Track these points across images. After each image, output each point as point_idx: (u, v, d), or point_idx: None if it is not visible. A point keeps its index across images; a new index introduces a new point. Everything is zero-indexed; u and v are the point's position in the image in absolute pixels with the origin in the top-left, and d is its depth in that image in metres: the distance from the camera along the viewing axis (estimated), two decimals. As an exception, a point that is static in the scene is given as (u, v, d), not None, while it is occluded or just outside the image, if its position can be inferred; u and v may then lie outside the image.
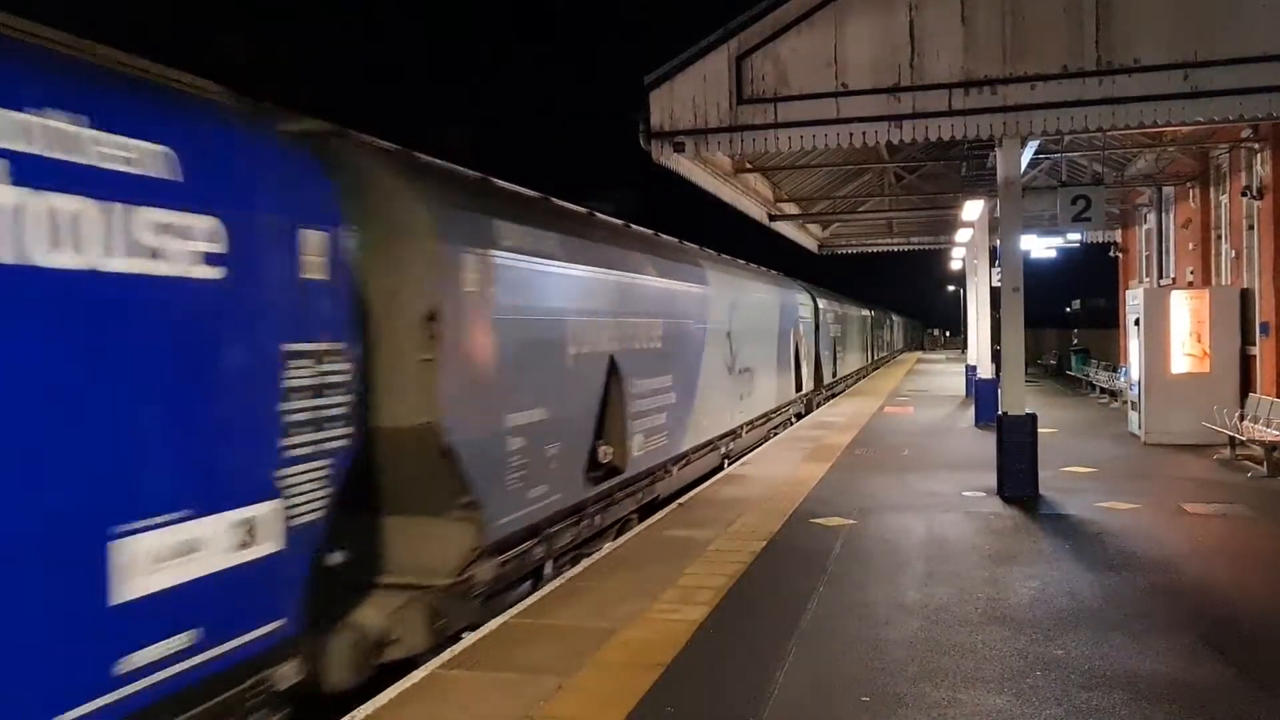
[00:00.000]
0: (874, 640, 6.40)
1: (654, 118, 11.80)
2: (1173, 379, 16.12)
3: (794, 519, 10.41)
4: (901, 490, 12.11)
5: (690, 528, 10.02)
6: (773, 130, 11.62)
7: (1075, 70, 10.79)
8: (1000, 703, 5.31)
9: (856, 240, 33.36)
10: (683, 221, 20.09)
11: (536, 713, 5.25)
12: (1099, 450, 15.43)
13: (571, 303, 9.02)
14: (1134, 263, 26.28)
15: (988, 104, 11.04)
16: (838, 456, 15.25)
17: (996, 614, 6.93)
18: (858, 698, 5.42)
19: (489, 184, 8.67)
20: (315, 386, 5.38)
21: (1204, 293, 16.55)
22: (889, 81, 11.23)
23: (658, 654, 6.14)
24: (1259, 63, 10.33)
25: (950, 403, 25.47)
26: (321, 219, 5.53)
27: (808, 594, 7.49)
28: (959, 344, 70.03)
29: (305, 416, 5.28)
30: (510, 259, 7.72)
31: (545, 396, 8.25)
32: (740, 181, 19.07)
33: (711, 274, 15.37)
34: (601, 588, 7.77)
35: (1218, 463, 13.95)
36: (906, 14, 11.19)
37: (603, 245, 10.45)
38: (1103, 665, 5.87)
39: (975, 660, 5.99)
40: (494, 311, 7.44)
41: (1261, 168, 15.73)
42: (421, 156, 7.65)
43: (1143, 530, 9.67)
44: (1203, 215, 18.93)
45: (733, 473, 14.01)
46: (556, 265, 8.75)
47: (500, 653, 6.27)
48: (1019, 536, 9.49)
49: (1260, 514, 10.40)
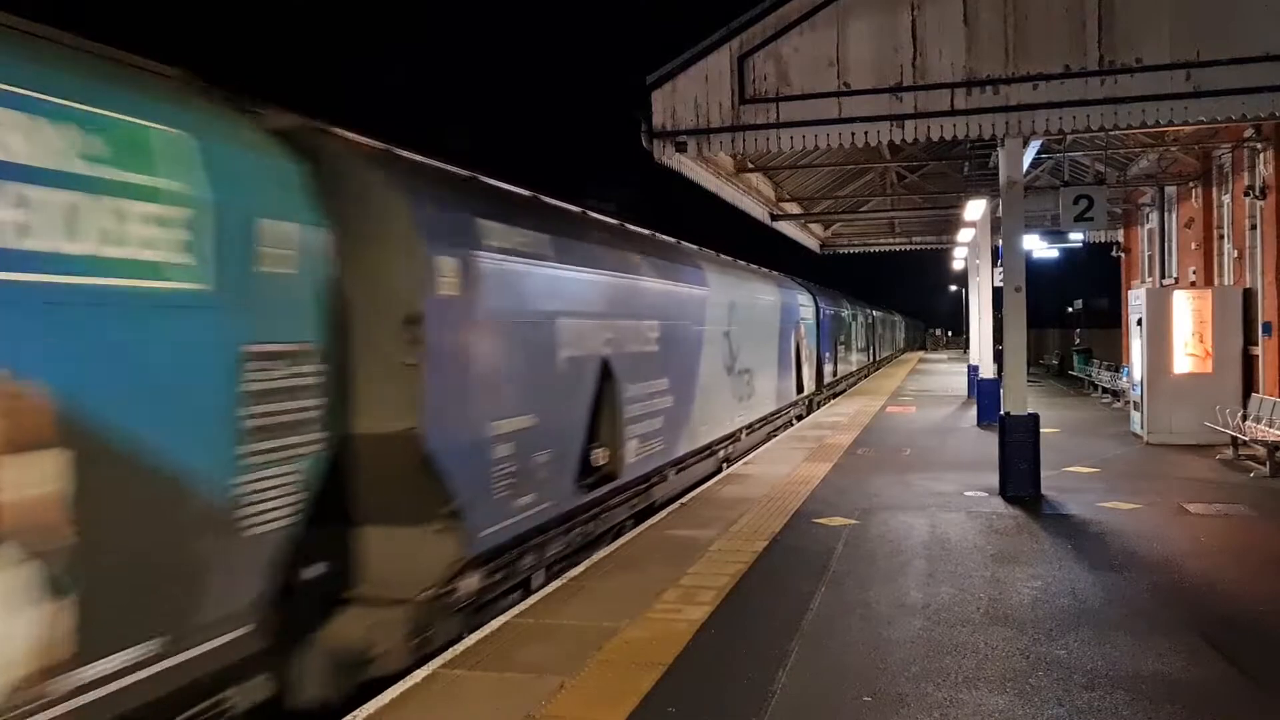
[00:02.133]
0: (876, 640, 6.40)
1: (656, 117, 11.80)
2: (1175, 379, 16.10)
3: (796, 519, 10.40)
4: (903, 490, 12.10)
5: (692, 527, 10.02)
6: (774, 130, 11.61)
7: (1078, 70, 10.78)
8: (1002, 703, 5.31)
9: (858, 240, 33.34)
10: (684, 222, 20.12)
11: (538, 712, 5.25)
12: (1101, 450, 15.42)
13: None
14: (1136, 262, 26.25)
15: (990, 104, 11.03)
16: (840, 456, 15.24)
17: (998, 614, 6.93)
18: (860, 697, 5.42)
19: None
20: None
21: (1206, 292, 16.53)
22: (891, 81, 11.22)
23: (659, 654, 6.14)
24: (1261, 62, 10.32)
25: (952, 402, 25.46)
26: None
27: (810, 594, 7.49)
28: (961, 344, 70.00)
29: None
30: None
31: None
32: (742, 181, 19.06)
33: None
34: (603, 587, 7.77)
35: (1220, 463, 13.93)
36: (908, 13, 11.18)
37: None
38: (1105, 665, 5.86)
39: (977, 660, 5.98)
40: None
41: (1264, 167, 15.70)
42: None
43: (1145, 530, 9.66)
44: (1205, 215, 18.91)
45: (735, 472, 14.00)
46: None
47: (502, 652, 6.27)
48: (1021, 536, 9.49)
49: (1262, 514, 10.38)
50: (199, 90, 5.32)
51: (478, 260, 7.22)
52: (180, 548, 4.65)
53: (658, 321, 11.90)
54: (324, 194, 5.75)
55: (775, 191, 22.13)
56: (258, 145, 5.44)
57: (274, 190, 5.39)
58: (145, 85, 4.88)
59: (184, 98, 5.10)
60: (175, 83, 5.17)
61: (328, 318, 5.73)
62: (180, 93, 5.12)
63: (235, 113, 5.53)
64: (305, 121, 6.29)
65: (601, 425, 9.77)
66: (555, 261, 8.79)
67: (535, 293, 8.31)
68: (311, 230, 5.58)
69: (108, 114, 4.34)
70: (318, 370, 5.60)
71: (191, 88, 5.26)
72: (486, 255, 7.39)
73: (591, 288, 9.68)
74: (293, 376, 5.36)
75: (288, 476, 5.29)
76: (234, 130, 5.35)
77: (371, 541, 6.41)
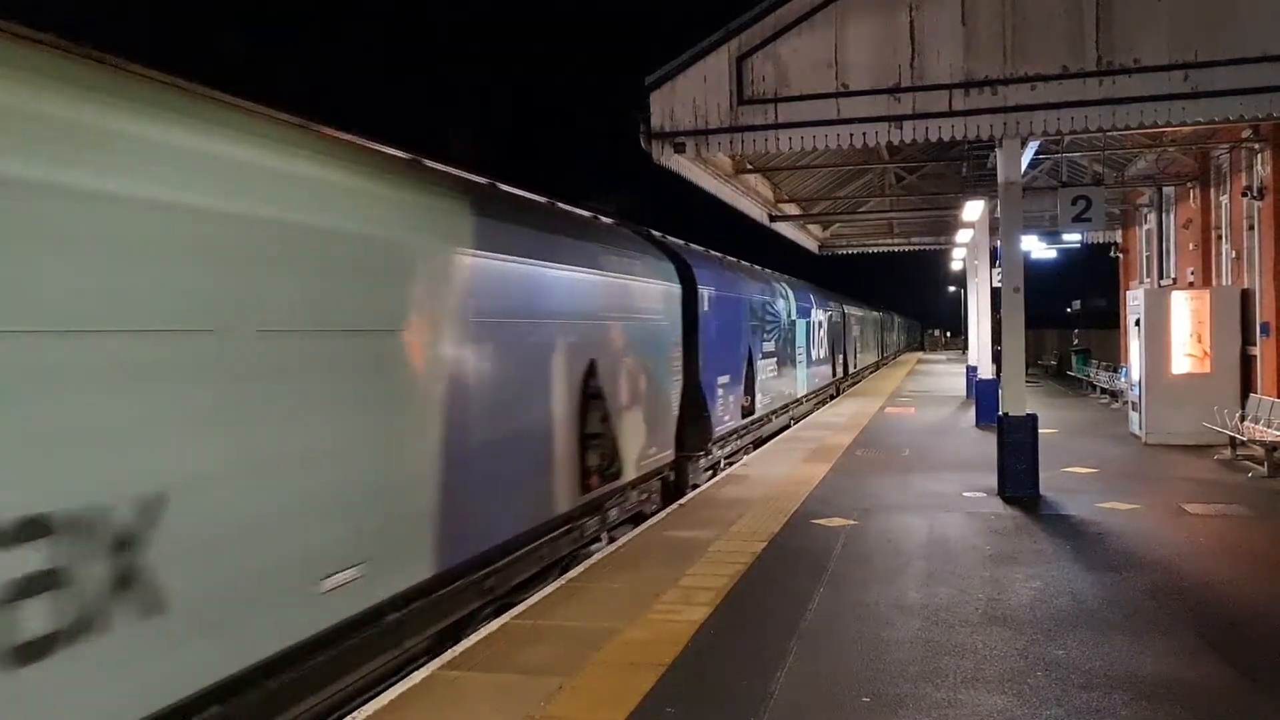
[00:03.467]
0: (875, 640, 6.40)
1: (654, 118, 11.82)
2: (1173, 379, 16.12)
3: (795, 519, 10.41)
4: (902, 490, 12.11)
5: (691, 528, 10.02)
6: (773, 131, 11.63)
7: (1075, 70, 10.80)
8: (1001, 703, 5.32)
9: (857, 241, 33.35)
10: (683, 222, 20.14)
11: (537, 713, 5.26)
12: (1100, 450, 15.43)
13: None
14: (1134, 263, 26.28)
15: (988, 104, 11.05)
16: (839, 457, 15.25)
17: (997, 614, 6.94)
18: (859, 698, 5.42)
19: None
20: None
21: (1205, 293, 16.54)
22: (889, 82, 11.24)
23: (659, 654, 6.15)
24: (1259, 63, 10.34)
25: (951, 403, 25.47)
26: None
27: (809, 594, 7.49)
28: (960, 344, 69.97)
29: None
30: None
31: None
32: (740, 182, 19.07)
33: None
34: (602, 588, 7.77)
35: (1218, 463, 13.95)
36: (907, 14, 11.20)
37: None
38: (1103, 665, 5.87)
39: (976, 660, 5.99)
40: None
41: (1262, 168, 15.72)
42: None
43: (1143, 531, 9.67)
44: (1203, 215, 18.93)
45: (734, 473, 14.01)
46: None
47: (501, 653, 6.27)
48: (1020, 537, 9.50)
49: (1261, 514, 10.39)
50: (649, 237, 13.45)
51: (709, 294, 14.62)
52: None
53: (777, 328, 20.77)
54: (680, 277, 13.37)
55: (774, 192, 22.13)
56: (668, 258, 13.23)
57: (675, 278, 13.21)
58: (650, 250, 12.62)
59: (653, 249, 12.82)
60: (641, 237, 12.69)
61: (685, 327, 13.52)
62: (652, 245, 12.93)
63: (662, 248, 13.35)
64: (674, 240, 14.72)
65: (748, 382, 17.48)
66: (738, 292, 17.12)
67: (729, 310, 16.14)
68: (678, 292, 13.24)
69: (664, 282, 12.45)
70: (681, 350, 13.35)
71: (646, 237, 13.06)
72: (715, 290, 14.93)
73: (742, 306, 17.33)
74: (676, 353, 13.12)
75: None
76: (669, 261, 13.22)
77: (690, 425, 13.61)
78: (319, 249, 5.47)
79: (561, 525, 9.00)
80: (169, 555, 4.29)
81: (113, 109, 4.27)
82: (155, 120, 4.49)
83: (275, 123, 5.62)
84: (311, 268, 5.40)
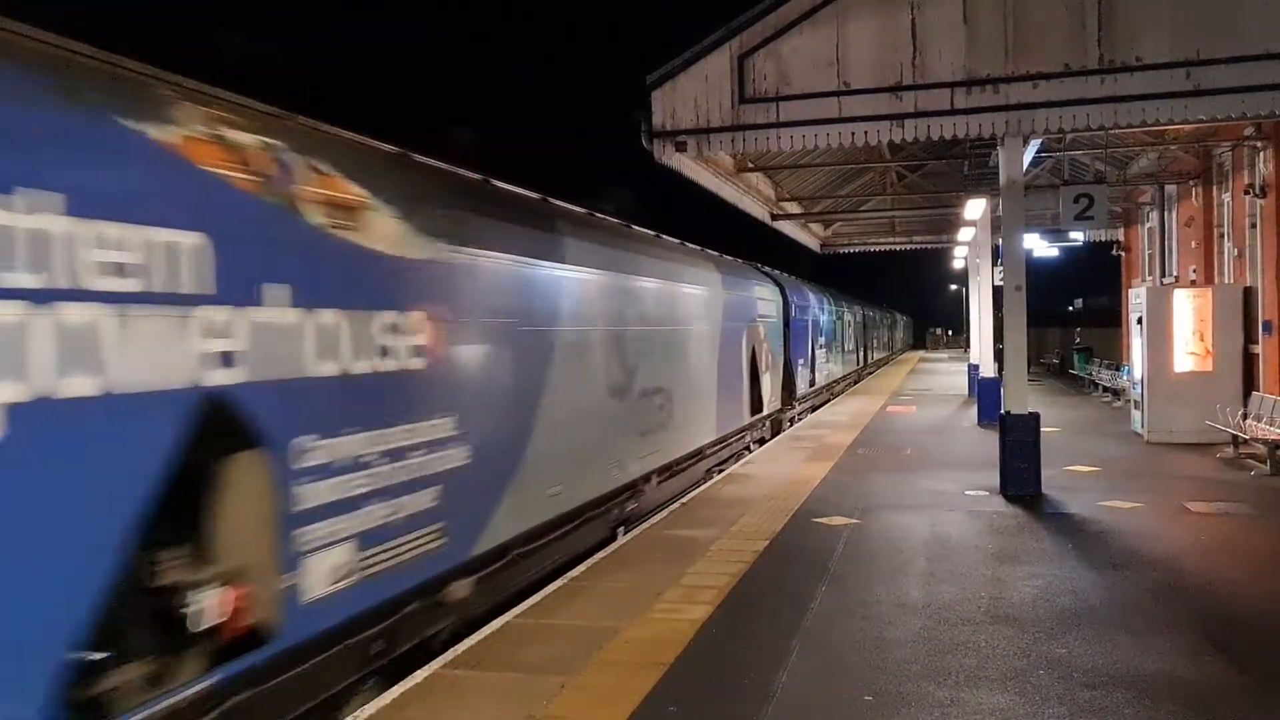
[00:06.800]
0: (877, 639, 6.40)
1: (656, 117, 11.80)
2: (1175, 378, 16.10)
3: (796, 518, 10.41)
4: (904, 489, 12.11)
5: (692, 527, 10.02)
6: (775, 129, 11.61)
7: (1077, 69, 10.78)
8: (1003, 701, 5.31)
9: (859, 239, 33.33)
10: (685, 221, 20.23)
11: (539, 712, 5.26)
12: (1102, 449, 15.42)
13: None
14: (1137, 261, 26.26)
15: (990, 103, 11.03)
16: (840, 456, 15.25)
17: (999, 613, 6.93)
18: (861, 697, 5.42)
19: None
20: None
21: (1207, 291, 16.53)
22: (891, 80, 11.22)
23: (660, 653, 6.15)
24: (1261, 60, 10.32)
25: (953, 402, 25.46)
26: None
27: (810, 593, 7.49)
28: (961, 343, 69.93)
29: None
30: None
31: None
32: (742, 181, 19.06)
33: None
34: (603, 587, 7.77)
35: (1221, 461, 13.94)
36: (908, 13, 11.19)
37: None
38: (1106, 664, 5.87)
39: (978, 659, 5.99)
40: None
41: (1264, 166, 15.70)
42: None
43: (1146, 529, 9.66)
44: (1205, 213, 18.91)
45: (735, 472, 14.01)
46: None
47: (503, 652, 6.27)
48: (1022, 535, 9.49)
49: (1263, 513, 10.39)
50: (758, 267, 22.30)
51: (795, 304, 22.96)
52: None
53: (826, 327, 29.16)
54: (780, 293, 22.19)
55: (775, 191, 22.13)
56: (772, 281, 21.99)
57: (779, 295, 22.08)
58: (764, 277, 21.54)
59: (765, 276, 21.90)
60: (756, 268, 21.78)
61: (783, 327, 22.29)
62: (762, 273, 22.04)
63: (766, 275, 22.00)
64: (769, 269, 23.67)
65: (812, 364, 24.94)
66: (806, 301, 25.00)
67: (802, 315, 23.94)
68: (780, 304, 21.98)
69: (774, 299, 21.54)
70: (782, 342, 22.03)
71: (756, 268, 22.05)
72: (796, 300, 23.05)
73: (808, 312, 25.01)
74: (779, 344, 21.58)
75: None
76: (774, 284, 21.92)
77: (785, 390, 21.74)
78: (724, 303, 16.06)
79: (745, 429, 18.30)
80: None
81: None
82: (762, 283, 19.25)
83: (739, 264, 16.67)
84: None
